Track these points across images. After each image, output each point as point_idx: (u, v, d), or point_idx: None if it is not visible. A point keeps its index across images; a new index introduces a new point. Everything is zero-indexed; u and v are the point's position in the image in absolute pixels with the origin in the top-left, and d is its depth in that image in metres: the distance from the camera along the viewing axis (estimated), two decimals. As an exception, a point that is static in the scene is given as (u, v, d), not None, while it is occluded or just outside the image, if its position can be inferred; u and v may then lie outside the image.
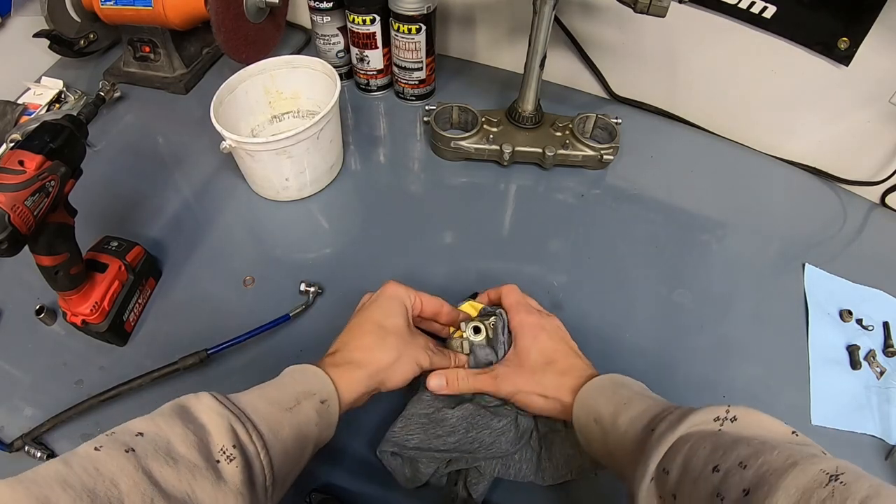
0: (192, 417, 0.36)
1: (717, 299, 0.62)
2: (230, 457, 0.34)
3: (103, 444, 0.32)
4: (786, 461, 0.29)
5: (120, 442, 0.32)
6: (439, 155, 0.76)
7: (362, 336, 0.46)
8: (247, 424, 0.36)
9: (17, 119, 0.77)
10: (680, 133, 0.80)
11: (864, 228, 0.72)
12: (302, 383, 0.42)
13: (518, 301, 0.52)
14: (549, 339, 0.49)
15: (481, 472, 0.47)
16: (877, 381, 0.57)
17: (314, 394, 0.41)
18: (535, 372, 0.47)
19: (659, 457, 0.35)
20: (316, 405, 0.41)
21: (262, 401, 0.39)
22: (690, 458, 0.33)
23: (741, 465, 0.31)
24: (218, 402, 0.37)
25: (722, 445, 0.33)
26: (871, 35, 0.61)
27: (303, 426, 0.40)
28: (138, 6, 0.76)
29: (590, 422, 0.43)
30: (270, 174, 0.66)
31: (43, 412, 0.52)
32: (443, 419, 0.48)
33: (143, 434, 0.33)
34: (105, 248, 0.58)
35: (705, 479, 0.32)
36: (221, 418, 0.36)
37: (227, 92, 0.67)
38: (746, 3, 0.66)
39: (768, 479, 0.29)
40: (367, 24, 0.74)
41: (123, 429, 0.34)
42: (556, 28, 0.77)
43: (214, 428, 0.35)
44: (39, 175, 0.44)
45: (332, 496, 0.48)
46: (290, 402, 0.40)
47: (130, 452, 0.31)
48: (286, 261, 0.65)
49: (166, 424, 0.34)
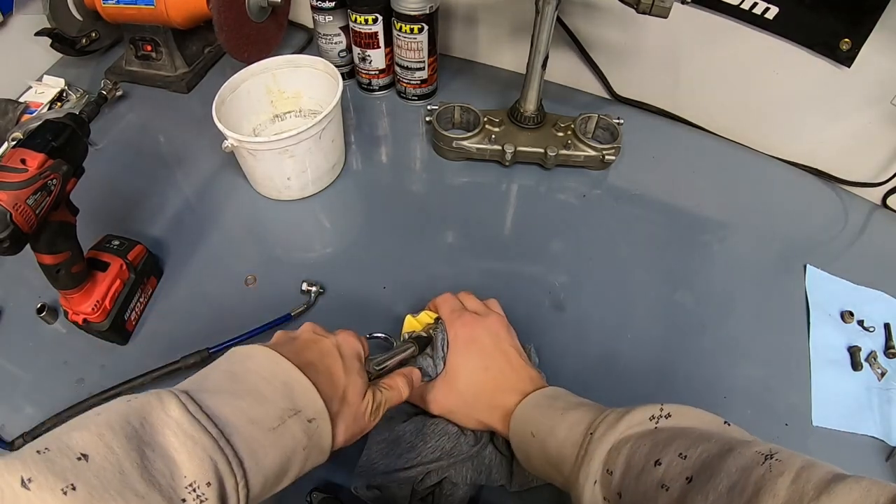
0: (152, 436, 0.28)
1: (718, 300, 0.62)
2: (201, 498, 0.28)
3: (33, 477, 0.24)
4: (723, 447, 0.31)
5: (56, 474, 0.25)
6: (441, 155, 0.76)
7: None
8: (227, 452, 0.29)
9: (18, 117, 0.77)
10: (682, 134, 0.81)
11: (865, 230, 0.72)
12: (284, 398, 0.34)
13: (452, 310, 0.49)
14: (479, 355, 0.47)
15: (455, 482, 0.46)
16: (878, 382, 0.57)
17: (299, 410, 0.34)
18: (465, 396, 0.46)
19: (601, 456, 0.36)
20: (303, 425, 0.34)
21: (240, 417, 0.32)
22: (632, 456, 0.34)
23: (681, 455, 0.32)
24: (191, 418, 0.29)
25: (661, 441, 0.34)
26: (873, 36, 0.61)
27: (287, 450, 0.33)
28: (140, 5, 0.76)
29: (527, 436, 0.42)
30: (272, 173, 0.66)
31: (44, 411, 0.52)
32: (398, 437, 0.47)
33: (86, 457, 0.26)
34: (107, 246, 0.58)
35: (648, 473, 0.33)
36: (196, 446, 0.28)
37: (229, 91, 0.67)
38: (749, 3, 0.66)
39: (709, 464, 0.30)
40: (370, 24, 0.74)
41: (61, 446, 0.26)
42: (559, 28, 0.77)
43: (185, 457, 0.28)
44: (41, 173, 0.44)
45: (332, 495, 0.48)
46: (273, 421, 0.33)
47: (69, 493, 0.24)
48: (288, 260, 0.65)
49: (118, 445, 0.27)
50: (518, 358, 0.48)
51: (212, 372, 0.35)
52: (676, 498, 0.31)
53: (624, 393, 0.53)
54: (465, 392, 0.46)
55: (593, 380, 0.55)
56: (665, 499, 0.32)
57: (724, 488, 0.29)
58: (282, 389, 0.35)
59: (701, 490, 0.30)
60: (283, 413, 0.33)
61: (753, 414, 0.54)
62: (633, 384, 0.55)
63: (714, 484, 0.29)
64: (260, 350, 0.37)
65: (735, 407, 0.54)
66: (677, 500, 0.31)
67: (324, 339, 0.41)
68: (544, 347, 0.56)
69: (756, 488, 0.28)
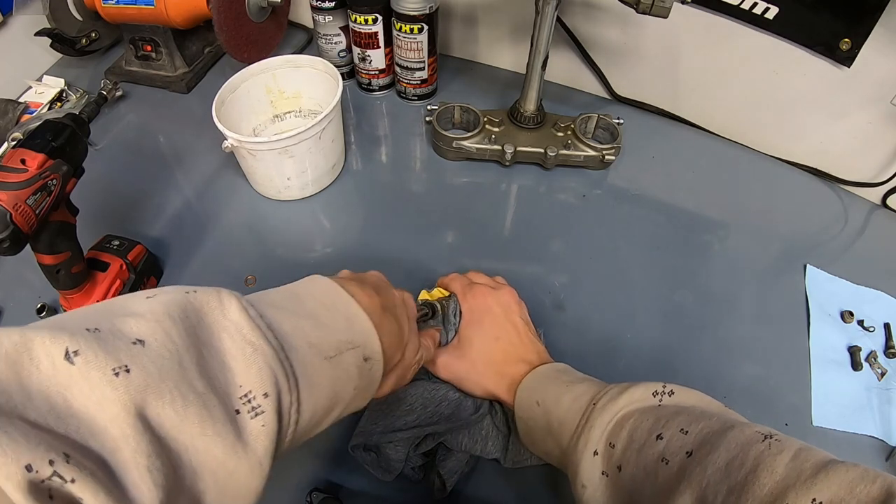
0: (209, 335, 0.25)
1: (718, 300, 0.62)
2: (256, 410, 0.24)
3: (81, 351, 0.20)
4: (724, 425, 0.32)
5: (108, 353, 0.21)
6: (441, 155, 0.76)
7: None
8: (286, 368, 0.27)
9: (18, 117, 0.77)
10: (682, 134, 0.81)
11: (865, 230, 0.72)
12: (345, 330, 0.32)
13: (464, 285, 0.50)
14: (492, 325, 0.47)
15: (449, 448, 0.47)
16: (878, 382, 0.57)
17: (357, 346, 0.33)
18: (475, 363, 0.47)
19: (602, 426, 0.37)
20: (359, 361, 0.33)
21: (300, 337, 0.29)
22: (635, 430, 0.35)
23: (682, 431, 0.33)
24: (251, 322, 0.26)
25: (664, 416, 0.35)
26: (872, 36, 0.61)
27: (338, 384, 0.31)
28: (140, 5, 0.76)
29: (532, 404, 0.43)
30: (272, 173, 0.66)
31: (44, 411, 0.52)
32: (399, 399, 0.48)
33: (143, 342, 0.22)
34: (106, 246, 0.58)
35: (650, 447, 0.34)
36: (255, 352, 0.25)
37: (229, 91, 0.67)
38: (748, 4, 0.66)
39: (709, 440, 0.31)
40: (370, 24, 0.74)
41: (113, 329, 0.22)
42: (559, 28, 0.77)
43: (243, 364, 0.25)
44: (41, 174, 0.44)
45: (331, 495, 0.48)
46: (330, 350, 0.31)
47: (122, 375, 0.21)
48: (288, 260, 0.65)
49: (178, 336, 0.24)
50: (527, 331, 0.48)
51: (274, 291, 0.33)
52: (676, 471, 0.32)
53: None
54: (476, 360, 0.47)
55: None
56: (665, 472, 0.32)
57: (722, 462, 0.29)
58: (343, 322, 0.33)
59: (700, 463, 0.30)
60: (341, 344, 0.31)
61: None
62: (633, 384, 0.55)
63: (713, 458, 0.30)
64: (324, 279, 0.35)
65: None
66: (676, 473, 0.32)
67: (393, 291, 0.41)
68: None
69: (754, 464, 0.28)
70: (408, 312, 0.41)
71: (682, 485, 0.31)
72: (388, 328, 0.36)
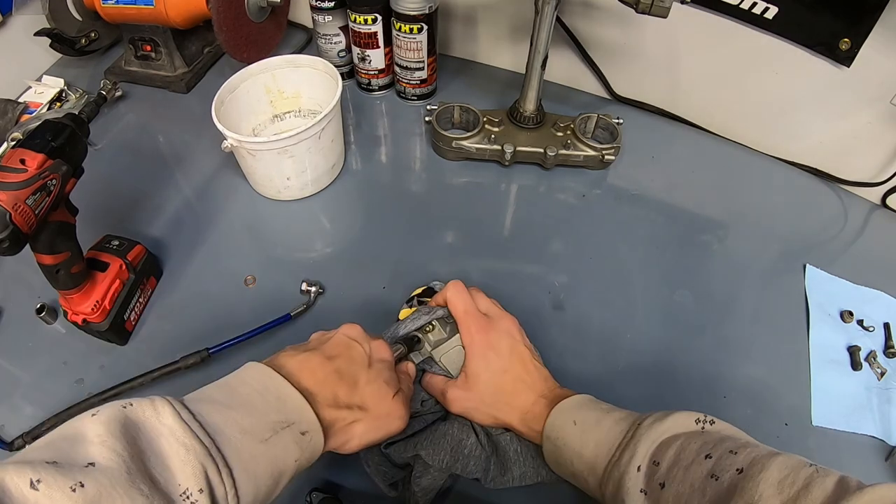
0: (149, 441, 0.29)
1: (718, 300, 0.62)
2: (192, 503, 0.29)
3: (42, 479, 0.25)
4: (770, 451, 0.34)
5: (65, 475, 0.26)
6: (440, 155, 0.76)
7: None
8: (218, 460, 0.30)
9: (18, 117, 0.77)
10: (681, 133, 0.80)
11: (864, 229, 0.72)
12: (277, 411, 0.35)
13: (466, 311, 0.49)
14: (498, 360, 0.48)
15: (428, 464, 0.46)
16: (877, 382, 0.57)
17: (293, 423, 0.35)
18: (485, 397, 0.47)
19: (648, 442, 0.37)
20: (296, 437, 0.35)
21: (232, 426, 0.32)
22: (682, 451, 0.36)
23: (731, 451, 0.34)
24: (183, 424, 0.30)
25: (711, 440, 0.36)
26: (872, 36, 0.61)
27: (279, 461, 0.34)
28: (140, 5, 0.76)
29: (567, 423, 0.43)
30: (272, 173, 0.66)
31: (43, 411, 0.52)
32: None
33: (93, 465, 0.27)
34: (106, 246, 0.58)
35: (699, 464, 0.34)
36: (189, 452, 0.29)
37: (229, 91, 0.67)
38: (748, 3, 0.66)
39: (759, 461, 0.32)
40: (369, 24, 0.74)
41: (68, 461, 0.27)
42: (558, 28, 0.77)
43: (178, 464, 0.29)
44: (41, 174, 0.44)
45: (331, 495, 0.48)
46: (265, 433, 0.33)
47: (78, 490, 0.25)
48: (287, 260, 0.65)
49: (122, 448, 0.28)
50: (531, 359, 0.49)
51: (209, 386, 0.36)
52: (727, 487, 0.32)
53: (624, 393, 0.53)
54: (485, 392, 0.47)
55: (593, 380, 0.55)
56: (714, 488, 0.33)
57: (774, 479, 0.31)
58: (274, 403, 0.35)
59: (752, 479, 0.31)
60: (275, 425, 0.34)
61: (753, 414, 0.54)
62: (633, 384, 0.55)
63: (765, 476, 0.31)
64: (256, 365, 0.38)
65: (735, 406, 0.54)
66: (727, 489, 0.32)
67: (356, 345, 0.43)
68: (544, 347, 0.55)
69: (806, 482, 0.30)
70: (373, 360, 0.43)
71: (732, 500, 0.31)
72: (336, 392, 0.39)
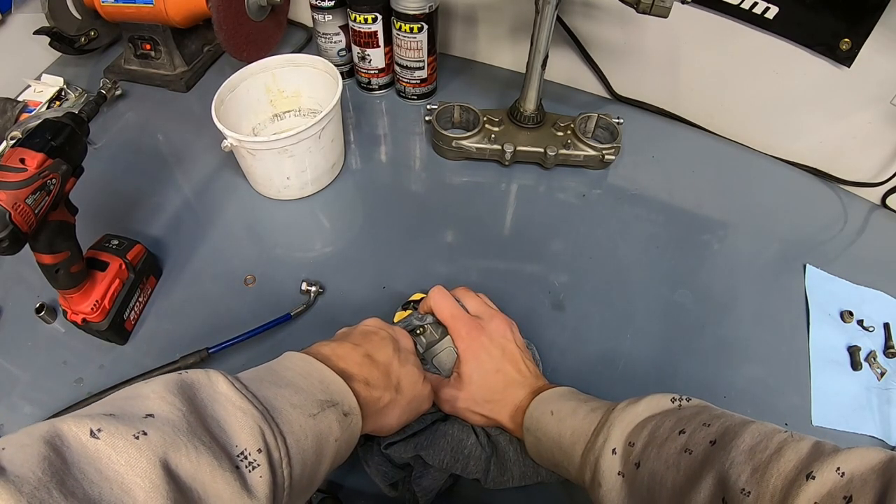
0: (204, 404, 0.29)
1: (718, 300, 0.62)
2: (252, 464, 0.28)
3: (103, 428, 0.25)
4: (744, 420, 0.34)
5: (126, 425, 0.25)
6: (441, 154, 0.76)
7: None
8: (273, 427, 0.30)
9: (17, 116, 0.77)
10: (681, 133, 0.80)
11: (864, 229, 0.72)
12: (322, 391, 0.36)
13: (452, 315, 0.49)
14: (490, 361, 0.48)
15: (428, 464, 0.46)
16: (877, 382, 0.57)
17: (337, 403, 0.36)
18: (476, 397, 0.48)
19: (623, 425, 0.38)
20: (339, 417, 0.36)
21: (282, 401, 0.33)
22: (657, 429, 0.36)
23: (705, 424, 0.34)
24: (238, 392, 0.30)
25: (685, 417, 0.36)
26: (872, 36, 0.61)
27: (323, 438, 0.34)
28: (139, 3, 0.76)
29: (545, 414, 0.44)
30: (272, 173, 0.66)
31: (42, 410, 0.52)
32: None
33: (153, 416, 0.27)
34: (106, 246, 0.58)
35: (672, 441, 0.35)
36: (246, 416, 0.29)
37: (229, 90, 0.67)
38: (749, 3, 0.66)
39: (732, 429, 0.33)
40: (369, 23, 0.74)
41: (126, 413, 0.27)
42: (558, 28, 0.77)
43: (235, 425, 0.29)
44: (40, 173, 0.44)
45: (331, 495, 0.48)
46: (313, 408, 0.34)
47: (142, 438, 0.25)
48: (287, 260, 0.65)
49: (182, 404, 0.28)
50: (522, 358, 0.49)
51: (251, 370, 0.37)
52: (700, 460, 0.33)
53: (624, 393, 0.52)
54: (477, 392, 0.48)
55: (593, 380, 0.55)
56: (688, 461, 0.33)
57: (746, 447, 0.31)
58: (318, 385, 0.36)
59: (724, 448, 0.31)
60: (321, 403, 0.35)
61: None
62: (633, 384, 0.55)
63: (737, 443, 0.31)
64: (294, 354, 0.39)
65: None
66: (700, 461, 0.32)
67: (383, 332, 0.45)
68: (544, 347, 0.56)
69: (779, 447, 0.30)
70: (400, 345, 0.45)
71: (705, 470, 0.31)
72: (369, 375, 0.41)
